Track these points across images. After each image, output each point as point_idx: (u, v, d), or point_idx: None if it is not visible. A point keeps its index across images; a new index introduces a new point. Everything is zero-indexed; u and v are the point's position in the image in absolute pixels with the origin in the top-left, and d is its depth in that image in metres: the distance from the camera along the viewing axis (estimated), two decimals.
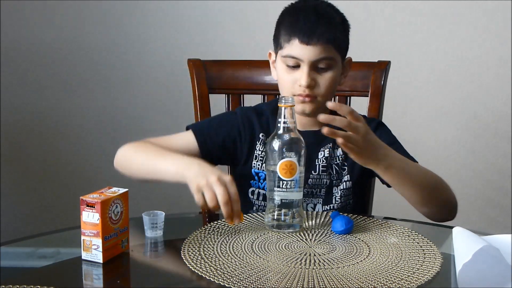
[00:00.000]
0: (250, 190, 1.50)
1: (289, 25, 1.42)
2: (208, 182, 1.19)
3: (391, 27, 2.59)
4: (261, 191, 1.49)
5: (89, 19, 2.64)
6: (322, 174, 1.48)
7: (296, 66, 1.41)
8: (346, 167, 1.50)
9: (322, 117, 1.20)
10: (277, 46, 1.46)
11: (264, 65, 1.61)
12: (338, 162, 1.50)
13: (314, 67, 1.40)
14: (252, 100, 1.80)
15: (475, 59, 2.56)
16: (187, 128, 1.52)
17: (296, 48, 1.39)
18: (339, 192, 1.49)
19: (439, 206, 1.39)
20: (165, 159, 1.34)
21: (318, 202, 1.48)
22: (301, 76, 1.40)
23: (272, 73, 1.52)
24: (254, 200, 1.50)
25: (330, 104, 1.23)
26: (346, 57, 1.49)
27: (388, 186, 1.46)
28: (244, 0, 2.60)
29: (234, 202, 1.20)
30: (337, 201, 1.49)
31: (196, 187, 1.20)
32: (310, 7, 1.44)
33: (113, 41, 2.65)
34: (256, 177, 1.50)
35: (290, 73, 1.42)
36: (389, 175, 1.31)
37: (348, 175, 1.49)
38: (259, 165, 1.49)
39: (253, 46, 2.45)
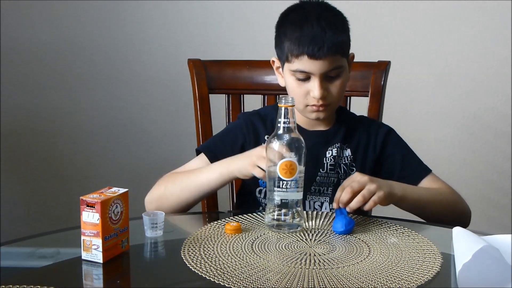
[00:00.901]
0: (258, 189, 1.52)
1: (295, 40, 1.40)
2: (253, 161, 1.33)
3: (391, 27, 2.59)
4: None
5: (89, 19, 2.64)
6: (330, 172, 1.49)
7: (307, 78, 1.42)
8: (354, 168, 1.51)
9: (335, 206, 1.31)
10: (283, 57, 1.45)
11: (264, 65, 1.61)
12: (346, 162, 1.51)
13: (325, 77, 1.41)
14: (252, 100, 1.80)
15: (475, 59, 2.56)
16: (197, 151, 1.55)
17: (306, 63, 1.40)
18: None
19: (455, 216, 1.46)
20: (202, 173, 1.43)
21: (325, 200, 1.49)
22: (314, 87, 1.41)
23: (279, 80, 1.53)
24: (261, 198, 1.51)
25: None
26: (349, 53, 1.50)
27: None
28: (244, 0, 2.60)
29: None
30: None
31: (251, 169, 1.33)
32: (313, 17, 1.42)
33: (113, 41, 2.65)
34: None
35: (301, 85, 1.43)
36: (407, 203, 1.40)
37: None
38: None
39: (253, 46, 2.45)
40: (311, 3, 1.48)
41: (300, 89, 1.42)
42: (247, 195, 1.55)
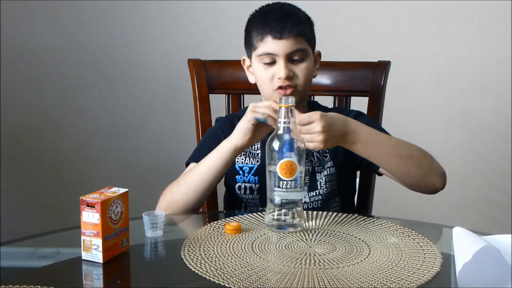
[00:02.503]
0: (237, 185, 1.54)
1: (260, 26, 1.49)
2: (249, 111, 1.37)
3: (391, 27, 2.59)
4: (247, 185, 1.53)
5: (89, 19, 2.64)
6: None
7: (272, 62, 1.48)
8: (328, 154, 1.54)
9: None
10: (251, 48, 1.52)
11: None
12: (319, 149, 1.51)
13: (290, 60, 1.47)
14: (252, 100, 1.80)
15: (475, 59, 2.56)
16: (187, 164, 1.57)
17: (270, 44, 1.47)
18: (323, 178, 1.52)
19: (422, 173, 1.41)
20: (202, 162, 1.44)
21: (303, 189, 1.49)
22: (279, 69, 1.46)
23: (249, 78, 1.59)
24: (241, 194, 1.54)
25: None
26: (315, 50, 1.56)
27: (379, 174, 1.52)
28: (245, 0, 2.60)
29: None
30: (322, 186, 1.52)
31: (251, 116, 1.36)
32: (276, 8, 1.53)
33: (113, 41, 2.65)
34: (240, 172, 1.54)
35: (267, 69, 1.49)
36: (358, 149, 1.36)
37: (331, 161, 1.53)
38: (242, 159, 1.54)
39: None
40: (277, 2, 1.57)
41: (267, 73, 1.48)
42: (228, 191, 1.58)
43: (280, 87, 1.46)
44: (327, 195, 1.52)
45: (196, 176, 1.43)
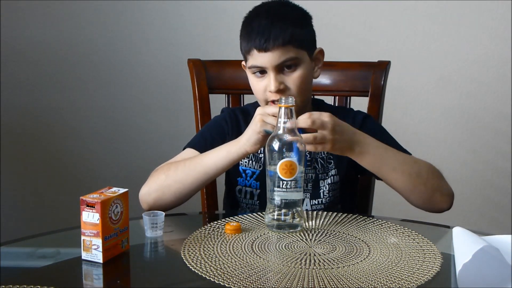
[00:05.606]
0: (237, 188, 1.52)
1: (246, 36, 1.42)
2: (258, 120, 1.30)
3: (391, 27, 2.59)
4: (248, 189, 1.51)
5: (89, 19, 2.64)
6: (307, 168, 1.49)
7: (263, 72, 1.42)
8: (332, 161, 1.51)
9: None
10: (243, 56, 1.47)
11: None
12: (323, 155, 1.51)
13: (280, 70, 1.40)
14: (252, 100, 1.80)
15: (475, 59, 2.56)
16: (184, 148, 1.53)
17: (256, 57, 1.40)
18: (327, 186, 1.50)
19: (428, 192, 1.38)
20: (207, 155, 1.39)
21: (305, 196, 1.49)
22: (269, 82, 1.40)
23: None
24: (241, 198, 1.52)
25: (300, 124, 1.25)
26: (317, 48, 1.48)
27: (378, 178, 1.46)
28: (245, 0, 2.60)
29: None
30: (325, 195, 1.50)
31: (261, 126, 1.30)
32: (262, 12, 1.43)
33: (113, 41, 2.65)
34: (243, 174, 1.52)
35: (259, 81, 1.43)
36: (366, 161, 1.33)
37: (335, 169, 1.50)
38: (246, 162, 1.51)
39: None
40: (270, 2, 1.48)
41: (259, 85, 1.43)
42: (229, 194, 1.56)
43: (273, 101, 1.41)
44: (329, 204, 1.50)
45: (198, 168, 1.38)
